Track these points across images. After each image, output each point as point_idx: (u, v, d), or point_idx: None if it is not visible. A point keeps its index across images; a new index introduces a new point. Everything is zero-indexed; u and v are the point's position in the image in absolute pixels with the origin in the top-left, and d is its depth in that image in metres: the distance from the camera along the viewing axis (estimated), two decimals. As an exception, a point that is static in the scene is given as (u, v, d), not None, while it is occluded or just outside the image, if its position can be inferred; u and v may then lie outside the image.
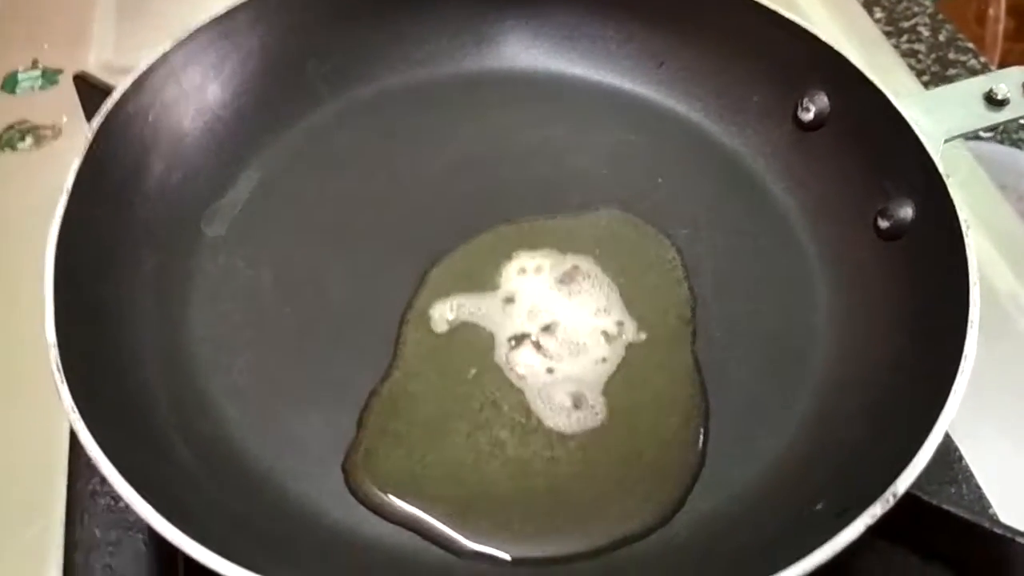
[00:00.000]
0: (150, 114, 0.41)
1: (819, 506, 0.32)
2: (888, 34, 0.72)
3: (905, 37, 0.74)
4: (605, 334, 0.39)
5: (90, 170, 0.37)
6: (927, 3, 0.77)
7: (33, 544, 0.38)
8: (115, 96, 0.39)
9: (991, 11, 1.26)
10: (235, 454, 0.35)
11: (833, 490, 0.33)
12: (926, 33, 0.74)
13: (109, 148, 0.38)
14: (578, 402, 0.37)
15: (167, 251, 0.40)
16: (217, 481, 0.34)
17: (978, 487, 0.40)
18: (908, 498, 0.34)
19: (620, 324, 0.39)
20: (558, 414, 0.37)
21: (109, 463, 0.29)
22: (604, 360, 0.38)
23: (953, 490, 0.39)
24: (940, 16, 0.76)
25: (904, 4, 0.77)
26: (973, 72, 0.73)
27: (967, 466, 0.40)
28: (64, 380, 0.31)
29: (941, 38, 0.74)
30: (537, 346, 0.39)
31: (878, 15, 0.75)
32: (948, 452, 0.41)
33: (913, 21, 0.76)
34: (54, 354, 0.31)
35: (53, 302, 0.33)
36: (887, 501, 0.29)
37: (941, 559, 0.37)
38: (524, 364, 0.38)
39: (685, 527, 0.34)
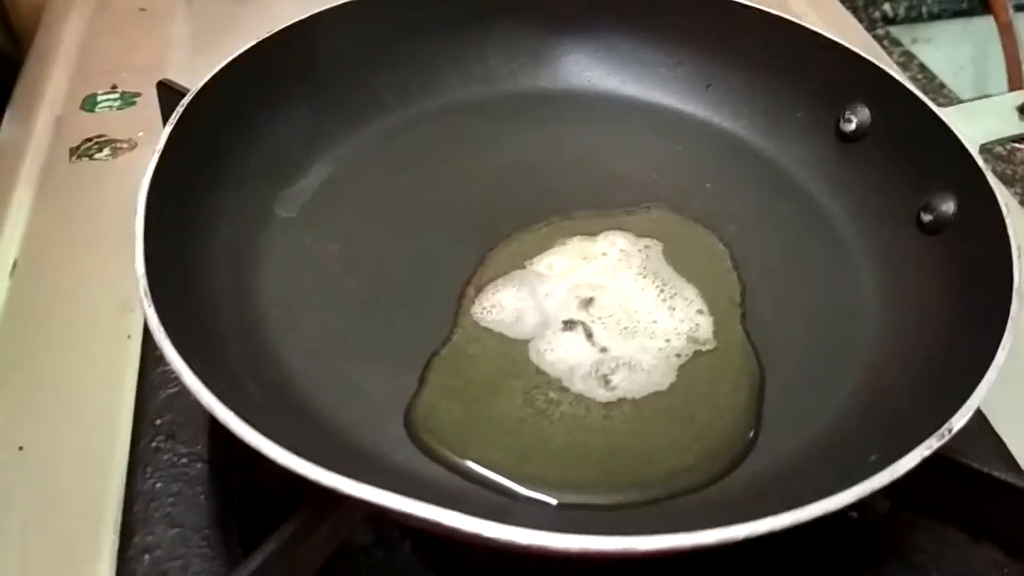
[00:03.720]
0: (233, 100, 0.44)
1: (873, 458, 0.33)
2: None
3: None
4: (659, 309, 0.41)
5: (178, 139, 0.40)
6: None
7: (93, 498, 0.39)
8: (206, 79, 0.42)
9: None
10: (303, 400, 0.36)
11: (886, 445, 0.33)
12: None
13: (195, 124, 0.41)
14: (633, 369, 0.38)
15: (242, 225, 0.42)
16: (287, 419, 0.35)
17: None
18: (957, 467, 0.35)
19: (674, 300, 0.41)
20: (613, 378, 0.38)
21: (188, 369, 0.30)
22: (658, 332, 0.40)
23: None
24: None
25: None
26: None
27: (1010, 454, 0.41)
28: (151, 304, 0.32)
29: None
30: (591, 321, 0.40)
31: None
32: (994, 442, 0.41)
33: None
34: (143, 284, 0.33)
35: (143, 240, 0.34)
36: (943, 435, 0.30)
37: (989, 537, 0.38)
38: (580, 337, 0.40)
39: (739, 483, 0.35)
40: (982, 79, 1.50)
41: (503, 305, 0.41)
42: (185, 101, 0.41)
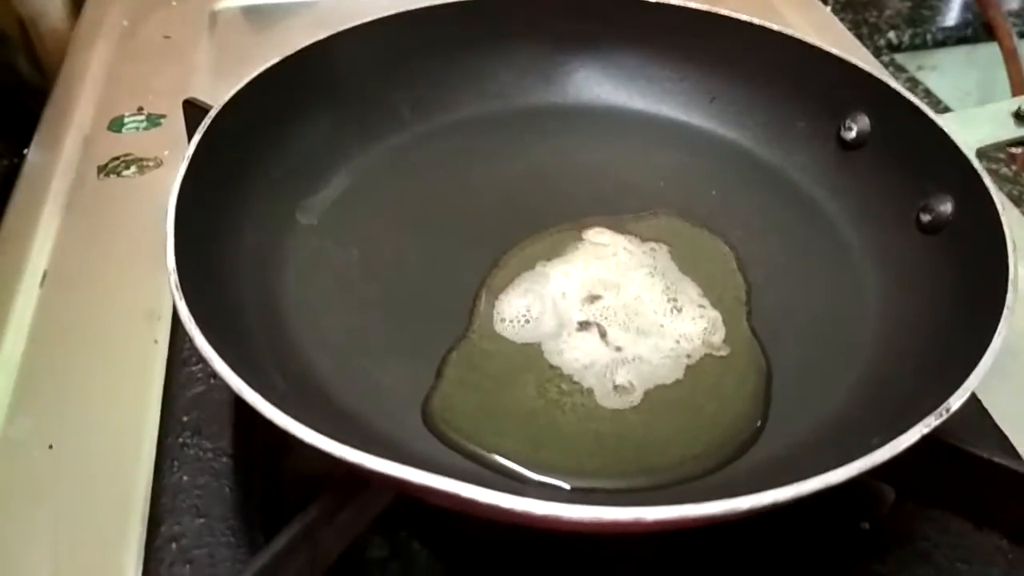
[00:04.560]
0: (257, 115, 0.46)
1: (875, 441, 0.34)
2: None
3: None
4: (668, 308, 0.42)
5: (205, 150, 0.41)
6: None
7: (121, 492, 0.41)
8: (231, 93, 0.44)
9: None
10: (325, 393, 0.38)
11: (887, 430, 0.34)
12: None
13: (221, 137, 0.43)
14: (643, 364, 0.40)
15: (266, 231, 0.44)
16: (309, 409, 0.36)
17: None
18: (960, 454, 0.36)
19: (682, 300, 0.42)
20: (625, 372, 0.39)
21: (217, 355, 0.31)
22: (669, 331, 0.41)
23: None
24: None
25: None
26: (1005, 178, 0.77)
27: (1012, 445, 0.42)
28: (182, 297, 0.34)
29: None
30: (604, 320, 0.42)
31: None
32: (997, 435, 0.43)
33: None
34: (174, 278, 0.35)
35: (174, 238, 0.36)
36: (941, 414, 0.31)
37: (992, 524, 0.39)
38: (592, 335, 0.41)
39: (746, 469, 0.36)
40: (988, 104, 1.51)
41: (517, 304, 0.42)
42: (212, 114, 0.43)
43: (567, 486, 0.35)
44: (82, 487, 0.41)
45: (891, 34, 1.04)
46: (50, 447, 0.42)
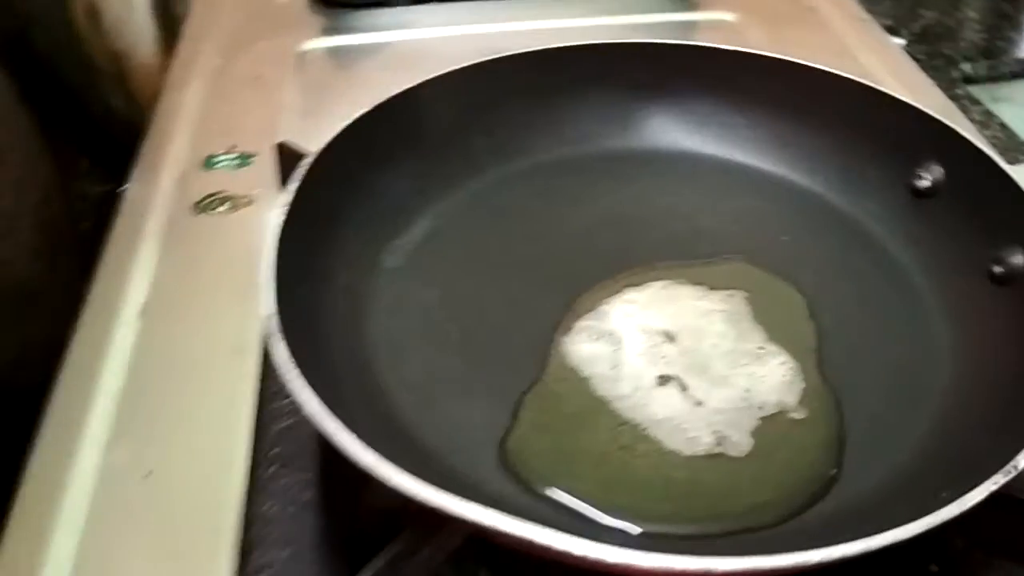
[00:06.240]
0: (348, 161, 0.48)
1: (944, 495, 0.35)
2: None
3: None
4: (740, 356, 0.43)
5: (300, 196, 0.44)
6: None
7: (214, 521, 0.43)
8: (325, 142, 0.47)
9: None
10: (406, 431, 0.40)
11: (957, 484, 0.35)
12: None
13: (315, 183, 0.45)
14: (715, 412, 0.41)
15: (354, 274, 0.46)
16: (392, 448, 0.38)
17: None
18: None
19: (756, 349, 0.44)
20: (696, 420, 0.41)
21: (317, 398, 0.34)
22: (740, 380, 0.42)
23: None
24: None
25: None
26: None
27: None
28: (283, 340, 0.36)
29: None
30: (678, 368, 0.43)
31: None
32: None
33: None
34: (274, 322, 0.37)
35: (275, 283, 0.39)
36: (1008, 472, 0.32)
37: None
38: (667, 385, 0.42)
39: (816, 519, 0.37)
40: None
41: (589, 346, 0.44)
42: (308, 161, 0.45)
43: (637, 530, 0.37)
44: (176, 515, 0.43)
45: (966, 66, 1.03)
46: (147, 475, 0.45)
